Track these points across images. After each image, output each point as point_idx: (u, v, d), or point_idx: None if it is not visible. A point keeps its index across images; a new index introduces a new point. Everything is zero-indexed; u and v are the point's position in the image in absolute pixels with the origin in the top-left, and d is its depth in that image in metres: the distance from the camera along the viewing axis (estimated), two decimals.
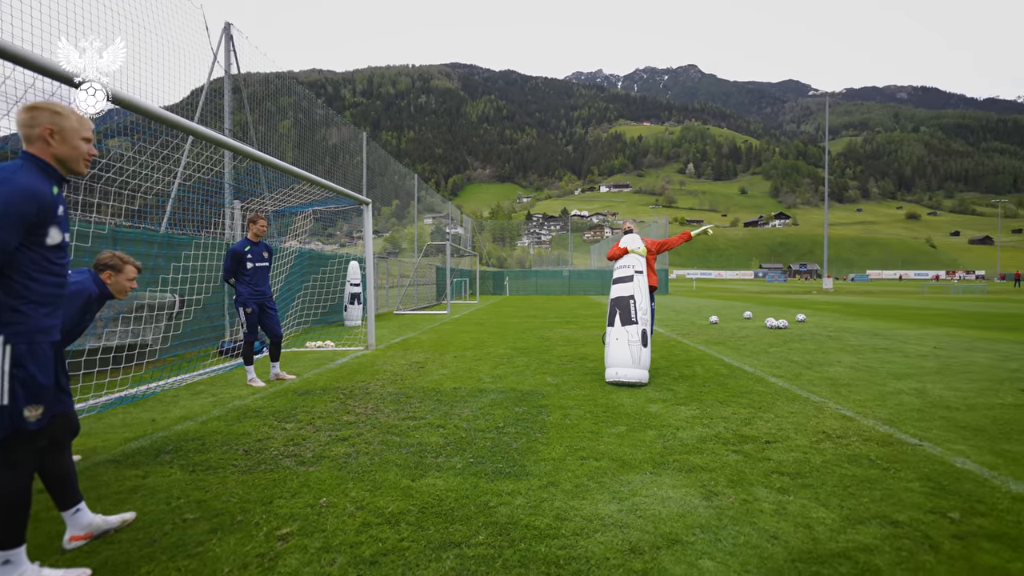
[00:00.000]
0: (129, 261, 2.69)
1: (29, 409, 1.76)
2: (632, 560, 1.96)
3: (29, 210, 1.71)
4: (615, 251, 5.66)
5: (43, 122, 1.84)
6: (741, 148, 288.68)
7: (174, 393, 4.90)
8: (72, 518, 2.11)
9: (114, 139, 7.04)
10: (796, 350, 7.44)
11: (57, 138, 1.86)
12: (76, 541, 2.10)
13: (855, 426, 3.65)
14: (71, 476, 2.10)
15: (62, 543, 2.10)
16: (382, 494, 2.57)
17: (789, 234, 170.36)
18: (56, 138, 1.86)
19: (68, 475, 2.09)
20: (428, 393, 4.84)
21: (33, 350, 1.78)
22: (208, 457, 3.13)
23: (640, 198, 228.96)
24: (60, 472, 2.07)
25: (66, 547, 2.08)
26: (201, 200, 7.79)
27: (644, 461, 3.01)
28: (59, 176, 1.89)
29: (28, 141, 1.85)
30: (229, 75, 8.85)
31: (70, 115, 1.90)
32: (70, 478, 2.10)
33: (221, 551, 2.05)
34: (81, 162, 1.94)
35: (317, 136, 14.54)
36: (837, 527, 2.19)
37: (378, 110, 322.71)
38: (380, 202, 21.57)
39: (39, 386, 1.79)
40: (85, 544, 2.11)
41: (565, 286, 34.92)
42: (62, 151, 1.87)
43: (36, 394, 1.78)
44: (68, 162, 1.90)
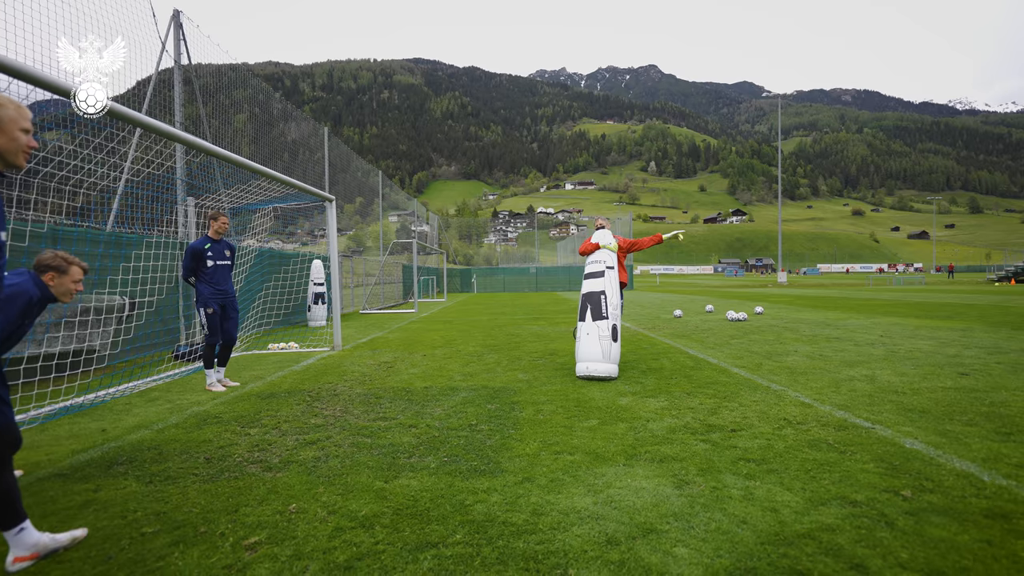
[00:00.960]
0: (74, 262, 2.51)
1: None
2: (609, 551, 1.98)
3: None
4: (587, 246, 5.72)
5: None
6: (700, 147, 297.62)
7: (126, 401, 4.63)
8: (15, 538, 1.96)
9: (52, 131, 6.57)
10: (756, 341, 7.73)
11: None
12: (20, 562, 1.95)
13: (813, 412, 3.83)
14: (13, 493, 1.95)
15: (6, 565, 1.94)
16: (354, 497, 2.51)
17: (746, 230, 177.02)
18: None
19: (9, 492, 1.94)
20: (398, 393, 4.76)
21: None
22: (166, 467, 2.97)
23: (604, 195, 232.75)
24: (2, 489, 1.91)
25: (10, 569, 1.93)
26: (151, 197, 7.38)
27: (617, 453, 3.06)
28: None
29: None
30: (179, 65, 8.42)
31: (7, 104, 1.76)
32: (12, 495, 1.95)
33: (184, 564, 1.95)
34: (20, 154, 1.80)
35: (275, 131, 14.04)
36: (801, 509, 2.28)
37: (339, 105, 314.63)
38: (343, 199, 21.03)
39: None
40: (31, 565, 1.96)
41: (533, 283, 35.10)
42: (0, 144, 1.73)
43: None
44: (5, 154, 1.76)
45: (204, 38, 9.23)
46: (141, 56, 7.90)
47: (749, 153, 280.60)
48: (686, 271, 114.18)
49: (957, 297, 18.94)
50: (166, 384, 5.35)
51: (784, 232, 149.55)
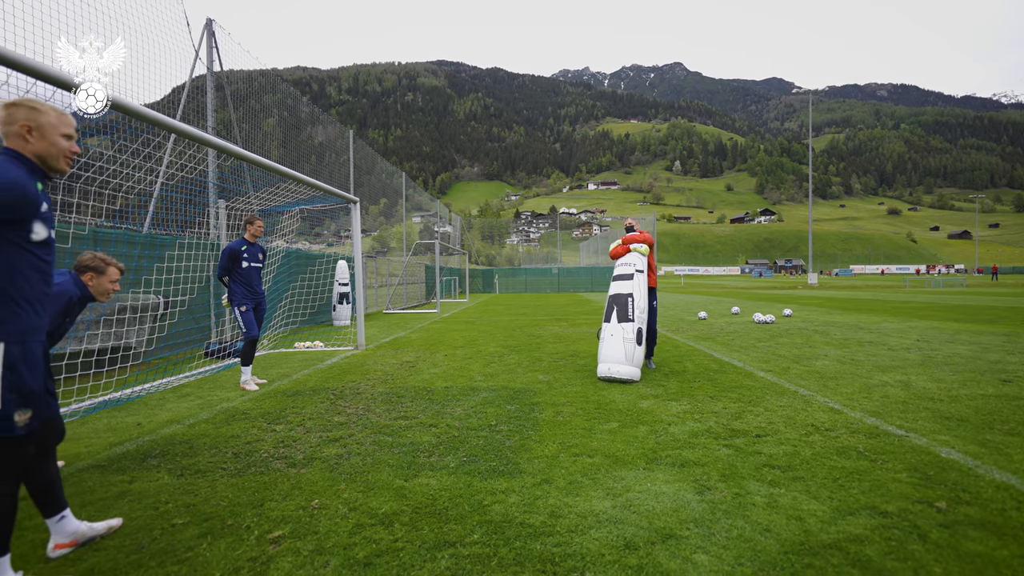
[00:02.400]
0: (112, 263, 2.63)
1: (19, 414, 1.71)
2: (627, 556, 1.96)
3: (9, 201, 1.66)
4: (617, 250, 5.68)
5: (20, 119, 1.79)
6: (727, 145, 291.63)
7: (160, 396, 4.81)
8: (57, 525, 2.06)
9: (93, 137, 6.88)
10: (784, 344, 7.53)
11: (35, 134, 1.81)
12: (61, 549, 2.05)
13: (843, 419, 3.71)
14: (56, 482, 2.05)
15: (47, 551, 2.05)
16: (375, 495, 2.55)
17: (774, 230, 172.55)
18: (34, 135, 1.81)
19: (53, 482, 2.04)
20: (419, 392, 4.81)
21: (25, 351, 1.74)
22: (196, 460, 3.08)
23: (628, 195, 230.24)
24: (45, 479, 2.01)
25: (51, 555, 2.03)
26: (185, 200, 7.65)
27: (637, 457, 3.02)
28: (42, 173, 1.85)
29: (6, 138, 1.80)
30: (212, 72, 8.70)
31: (49, 111, 1.85)
32: (55, 485, 2.05)
33: (211, 555, 2.02)
34: (62, 159, 1.89)
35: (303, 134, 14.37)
36: (828, 519, 2.22)
37: (364, 108, 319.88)
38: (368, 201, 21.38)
39: (29, 390, 1.74)
40: (70, 552, 2.06)
41: (554, 283, 35.00)
42: (40, 147, 1.82)
43: (26, 398, 1.73)
44: (48, 159, 1.85)
45: (235, 45, 9.52)
46: (176, 64, 8.21)
47: (778, 151, 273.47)
48: (711, 272, 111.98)
49: (1001, 300, 18.06)
50: (197, 381, 5.53)
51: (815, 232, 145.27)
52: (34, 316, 1.78)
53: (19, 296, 1.73)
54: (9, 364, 1.69)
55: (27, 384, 1.73)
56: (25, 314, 1.75)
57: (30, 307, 1.77)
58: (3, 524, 1.72)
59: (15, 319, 1.72)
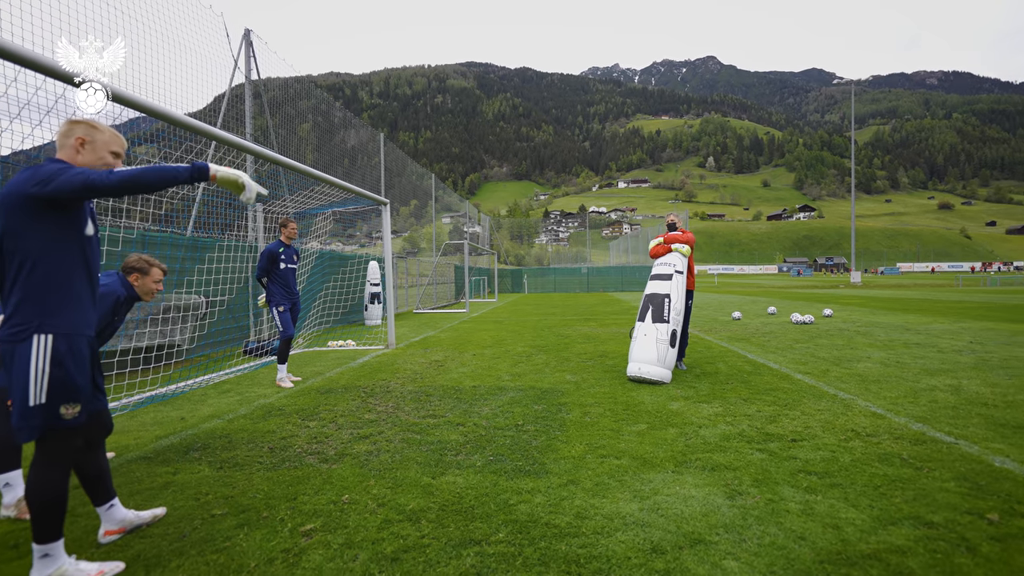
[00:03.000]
0: (155, 264, 2.76)
1: (65, 407, 1.81)
2: (654, 560, 1.93)
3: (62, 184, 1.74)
4: (658, 249, 5.58)
5: (78, 133, 1.92)
6: (763, 140, 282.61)
7: (202, 392, 5.03)
8: (106, 513, 2.18)
9: (141, 146, 7.25)
10: (823, 346, 7.25)
11: (87, 148, 1.93)
12: (110, 535, 2.17)
13: (886, 424, 3.54)
14: (105, 473, 2.17)
15: (97, 537, 2.17)
16: (403, 491, 2.60)
17: (814, 227, 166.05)
18: (86, 148, 1.93)
19: (102, 472, 2.16)
20: (448, 391, 4.86)
21: (72, 348, 1.82)
22: (235, 454, 3.20)
23: (659, 193, 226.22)
24: (95, 469, 2.14)
25: (101, 541, 2.16)
26: (225, 203, 7.97)
27: (666, 459, 2.97)
28: None
29: (60, 149, 1.93)
30: (249, 80, 9.03)
31: (105, 130, 1.99)
32: (104, 475, 2.17)
33: (248, 546, 2.10)
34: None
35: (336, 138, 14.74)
36: (868, 528, 2.12)
37: (395, 111, 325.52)
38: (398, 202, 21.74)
39: (76, 385, 1.83)
40: (119, 538, 2.18)
41: (584, 283, 34.73)
42: (87, 160, 1.93)
43: (72, 393, 1.82)
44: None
45: (271, 54, 9.85)
46: (217, 74, 8.56)
47: (818, 144, 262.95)
48: (747, 271, 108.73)
49: None
50: (236, 377, 5.76)
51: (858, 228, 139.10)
52: (82, 311, 1.87)
53: (68, 290, 1.82)
54: (56, 359, 1.77)
55: (74, 379, 1.82)
56: (73, 308, 1.84)
57: (78, 302, 1.86)
58: (56, 511, 1.84)
59: (64, 313, 1.80)
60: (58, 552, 1.85)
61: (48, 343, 1.76)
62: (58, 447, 1.86)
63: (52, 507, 1.82)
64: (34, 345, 1.74)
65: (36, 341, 1.75)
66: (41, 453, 1.85)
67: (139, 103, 3.30)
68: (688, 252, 5.51)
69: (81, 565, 1.88)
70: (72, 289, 1.84)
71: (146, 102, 3.37)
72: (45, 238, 1.78)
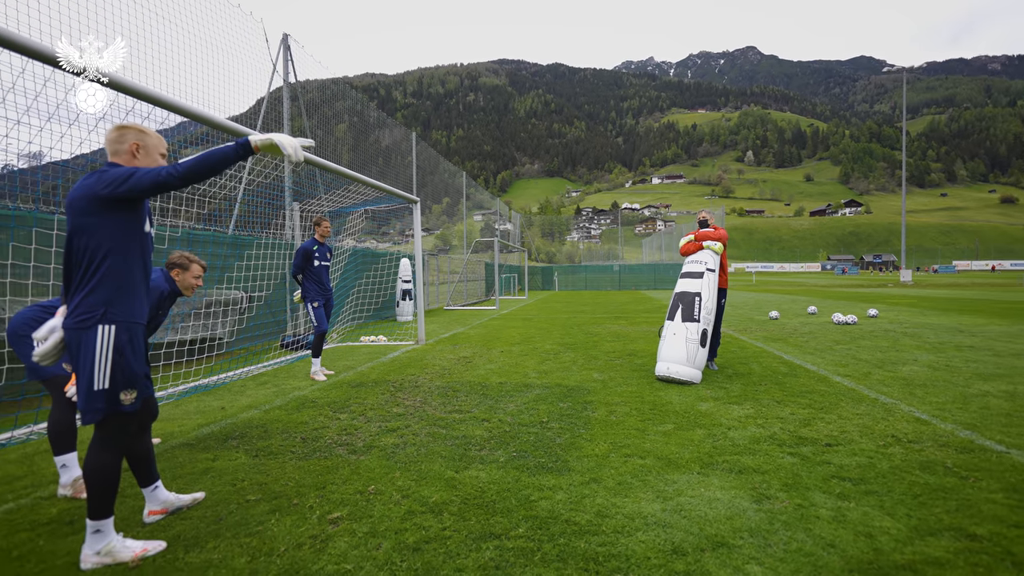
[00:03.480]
0: (195, 260, 2.90)
1: (124, 393, 1.96)
2: (674, 561, 1.91)
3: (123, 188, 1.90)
4: (689, 247, 5.47)
5: (131, 139, 2.06)
6: (806, 132, 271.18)
7: (241, 383, 5.26)
8: (151, 494, 2.32)
9: (188, 149, 7.63)
10: (866, 347, 6.92)
11: (142, 153, 2.08)
12: (154, 515, 2.32)
13: (930, 430, 3.36)
14: (150, 455, 2.32)
15: (143, 517, 2.32)
16: (427, 484, 2.65)
17: (861, 223, 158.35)
18: (141, 152, 2.08)
19: (148, 454, 2.31)
20: (474, 387, 4.92)
21: (132, 338, 1.98)
22: (270, 443, 3.35)
23: (694, 188, 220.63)
24: (142, 451, 2.29)
25: (146, 520, 2.30)
26: (264, 203, 8.29)
27: (691, 461, 2.92)
28: None
29: (115, 155, 2.05)
30: (287, 83, 9.34)
31: (152, 134, 2.13)
32: (150, 457, 2.31)
33: (278, 531, 2.19)
34: None
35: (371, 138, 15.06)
36: (903, 538, 2.03)
37: (428, 110, 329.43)
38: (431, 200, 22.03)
39: (134, 372, 1.98)
40: (162, 519, 2.32)
41: (615, 281, 34.30)
42: (143, 163, 2.07)
43: (131, 379, 1.97)
44: None
45: (308, 57, 10.16)
46: (258, 78, 8.90)
47: (866, 136, 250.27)
48: (787, 269, 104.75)
49: None
50: (273, 370, 5.99)
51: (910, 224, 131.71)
52: (139, 303, 2.02)
53: (129, 283, 1.97)
54: (118, 347, 1.93)
55: (132, 367, 1.97)
56: (132, 300, 1.98)
57: (137, 294, 2.00)
58: (109, 490, 1.97)
59: (125, 304, 1.95)
60: (108, 529, 1.98)
61: (111, 332, 1.91)
62: (115, 431, 2.00)
63: (106, 487, 1.96)
64: (99, 334, 1.89)
65: (100, 330, 1.89)
66: (99, 436, 1.99)
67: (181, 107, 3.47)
68: (720, 249, 5.37)
69: (127, 542, 2.02)
70: (132, 282, 1.98)
71: (190, 106, 3.55)
72: (112, 235, 1.93)
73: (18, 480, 2.83)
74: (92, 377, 1.90)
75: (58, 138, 3.96)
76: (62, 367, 2.67)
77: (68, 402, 2.61)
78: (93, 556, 1.94)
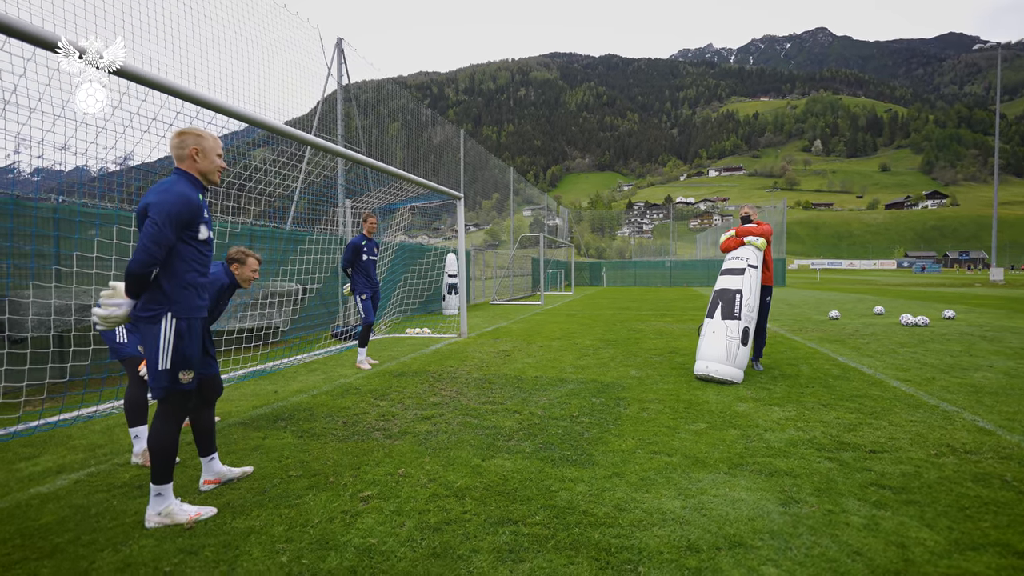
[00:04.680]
0: (251, 255, 3.16)
1: (183, 373, 2.24)
2: (687, 557, 1.91)
3: (184, 212, 2.17)
4: (729, 243, 5.32)
5: (190, 144, 2.30)
6: (883, 118, 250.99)
7: (294, 369, 5.63)
8: (208, 464, 2.59)
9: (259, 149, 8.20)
10: (934, 351, 6.41)
11: (200, 156, 2.32)
12: (208, 484, 2.57)
13: (993, 441, 3.10)
14: (212, 429, 2.60)
15: (199, 485, 2.58)
16: (453, 470, 2.77)
17: (945, 216, 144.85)
18: (200, 156, 2.32)
19: (211, 428, 2.59)
20: (510, 380, 5.01)
21: (190, 326, 2.24)
22: (314, 425, 3.59)
23: (755, 181, 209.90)
24: (206, 424, 2.57)
25: (201, 488, 2.56)
26: (319, 200, 8.76)
27: (720, 460, 2.86)
28: (202, 186, 2.37)
29: (179, 160, 2.32)
30: (342, 86, 9.78)
31: (208, 137, 2.36)
32: (211, 430, 2.59)
33: (314, 505, 2.38)
34: (216, 174, 2.41)
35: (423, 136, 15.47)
36: (940, 551, 1.92)
37: (479, 106, 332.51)
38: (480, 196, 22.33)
39: (190, 355, 2.26)
40: (214, 488, 2.57)
41: (666, 277, 33.39)
42: (203, 166, 2.33)
43: (188, 361, 2.25)
44: (208, 174, 2.37)
45: (361, 60, 10.58)
46: (315, 82, 9.40)
47: (954, 121, 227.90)
48: (857, 266, 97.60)
49: None
50: (323, 358, 6.36)
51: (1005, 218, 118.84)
52: (197, 298, 2.29)
53: (187, 282, 2.24)
54: (178, 335, 2.21)
55: (189, 350, 2.24)
56: (190, 296, 2.25)
57: (194, 291, 2.27)
58: (168, 458, 2.23)
59: (184, 299, 2.23)
60: (168, 493, 2.23)
61: (173, 323, 2.20)
62: (175, 406, 2.28)
63: (168, 454, 2.23)
64: (163, 324, 2.19)
65: (164, 321, 2.19)
66: (161, 410, 2.27)
67: (242, 114, 3.76)
68: (763, 245, 5.15)
69: (184, 506, 2.26)
70: (190, 281, 2.25)
71: (248, 112, 3.84)
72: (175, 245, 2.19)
73: (100, 448, 3.22)
74: (157, 359, 2.18)
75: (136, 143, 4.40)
76: (137, 348, 3.00)
77: (141, 380, 2.93)
78: (155, 516, 2.19)
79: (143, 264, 2.08)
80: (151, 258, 2.09)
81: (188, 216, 2.17)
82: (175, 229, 2.13)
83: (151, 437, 2.23)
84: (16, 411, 3.63)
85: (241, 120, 3.96)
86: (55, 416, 3.68)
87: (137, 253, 2.09)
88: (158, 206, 2.12)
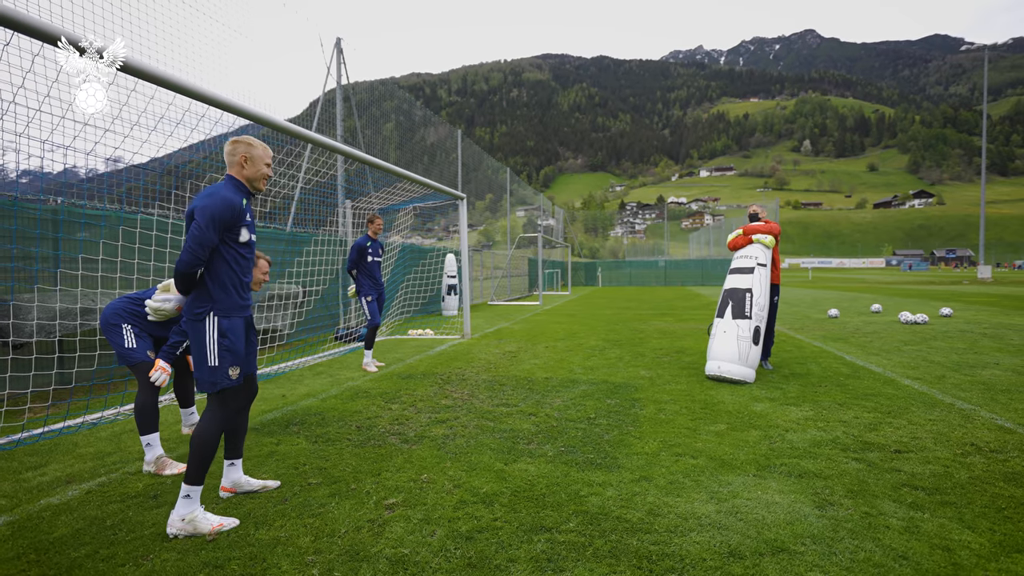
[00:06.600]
0: (262, 256, 3.07)
1: (231, 369, 2.27)
2: (731, 564, 1.86)
3: (226, 215, 2.22)
4: (738, 241, 5.29)
5: (240, 152, 2.36)
6: (870, 119, 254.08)
7: (299, 373, 5.54)
8: (228, 469, 2.53)
9: None
10: (939, 349, 6.45)
11: (248, 163, 2.37)
12: (226, 492, 2.50)
13: (1016, 439, 3.10)
14: (243, 432, 2.56)
15: (219, 493, 2.50)
16: (477, 475, 2.70)
17: (932, 215, 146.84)
18: (247, 163, 2.37)
19: (242, 431, 2.56)
20: (520, 382, 4.95)
21: (232, 324, 2.28)
22: (327, 430, 3.51)
23: (746, 181, 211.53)
24: (239, 426, 2.54)
25: (221, 496, 2.48)
26: (318, 201, 8.65)
27: (746, 462, 2.82)
28: (247, 191, 2.41)
29: (229, 166, 2.39)
30: (340, 86, 9.68)
31: (258, 146, 2.41)
32: (241, 434, 2.55)
33: (339, 513, 2.30)
34: (262, 181, 2.45)
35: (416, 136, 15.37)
36: (987, 553, 1.89)
37: (472, 107, 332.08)
38: (474, 196, 22.25)
39: (236, 352, 2.28)
40: (232, 496, 2.49)
41: (661, 276, 33.50)
42: (250, 173, 2.38)
43: (235, 357, 2.28)
44: (253, 181, 2.42)
45: (360, 59, 10.49)
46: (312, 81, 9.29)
47: (940, 121, 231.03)
48: (847, 264, 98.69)
49: None
50: (328, 361, 6.26)
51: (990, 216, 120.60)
52: (238, 297, 2.34)
53: (229, 282, 2.29)
54: (223, 331, 2.25)
55: (235, 346, 2.28)
56: (232, 295, 2.30)
57: (235, 291, 2.32)
58: (207, 456, 2.21)
59: (226, 299, 2.28)
60: (196, 497, 2.19)
61: (216, 322, 2.25)
62: (223, 404, 2.30)
63: (204, 455, 2.21)
64: (207, 323, 2.24)
65: (208, 320, 2.24)
66: (210, 406, 2.29)
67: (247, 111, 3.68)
68: (772, 243, 5.14)
69: (208, 516, 2.19)
70: (231, 282, 2.29)
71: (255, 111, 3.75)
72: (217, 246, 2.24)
73: (108, 456, 3.12)
74: (206, 356, 2.22)
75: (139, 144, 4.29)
76: (147, 354, 2.91)
77: (152, 386, 2.84)
78: (179, 521, 2.13)
79: (188, 264, 2.17)
80: (195, 258, 2.17)
81: (230, 219, 2.24)
82: (218, 231, 2.20)
83: (195, 434, 2.25)
84: (20, 418, 3.51)
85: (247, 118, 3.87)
86: (60, 423, 3.57)
87: (183, 253, 2.18)
88: (203, 210, 2.18)
